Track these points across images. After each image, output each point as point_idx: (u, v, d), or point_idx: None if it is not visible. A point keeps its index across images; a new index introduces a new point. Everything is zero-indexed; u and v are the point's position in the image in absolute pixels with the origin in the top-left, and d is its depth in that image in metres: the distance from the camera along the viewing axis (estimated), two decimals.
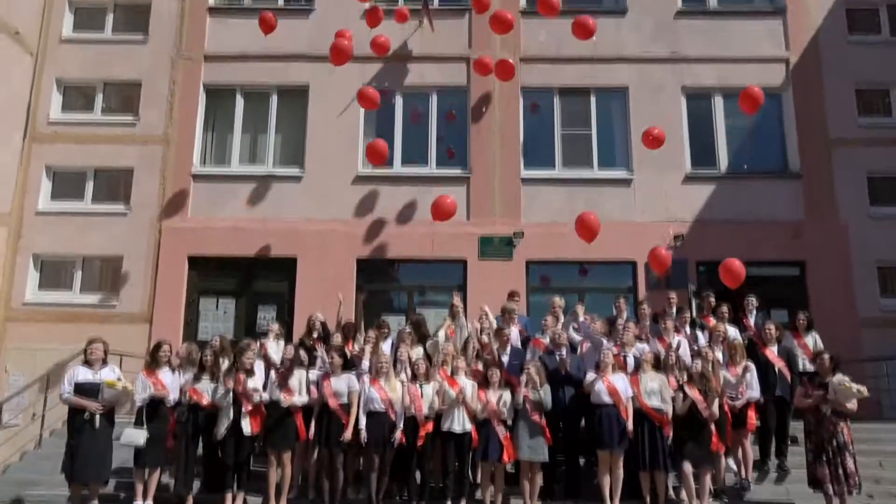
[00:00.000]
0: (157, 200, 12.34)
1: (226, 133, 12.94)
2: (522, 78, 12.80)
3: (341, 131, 12.61)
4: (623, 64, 12.86)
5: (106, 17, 13.25)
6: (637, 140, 12.43)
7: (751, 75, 12.73)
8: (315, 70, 12.84)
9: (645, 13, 13.08)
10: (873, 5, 13.17)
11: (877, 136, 12.52)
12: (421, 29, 12.92)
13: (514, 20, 12.07)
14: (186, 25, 13.02)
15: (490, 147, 12.49)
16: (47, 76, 12.82)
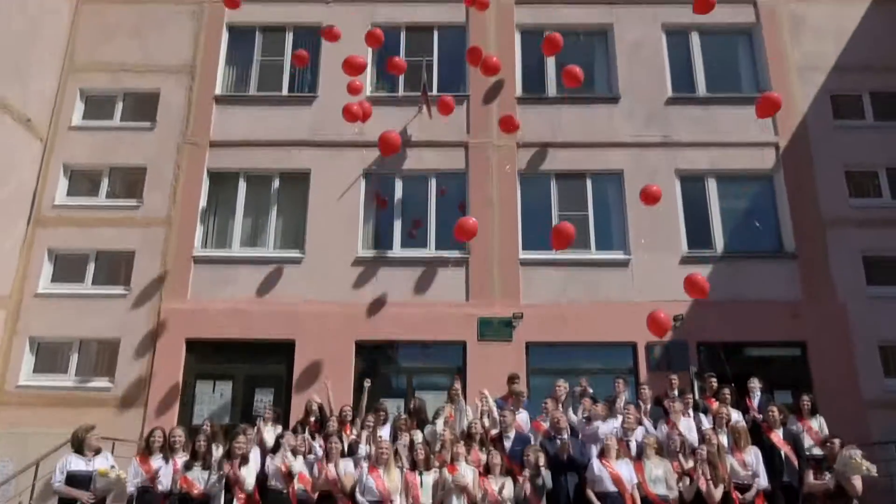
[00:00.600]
0: (157, 283, 12.38)
1: (228, 216, 13.13)
2: (520, 163, 13.12)
3: (341, 214, 12.81)
4: (617, 149, 13.19)
5: (115, 106, 13.66)
6: (634, 222, 12.66)
7: (742, 159, 13.12)
8: (316, 155, 13.17)
9: (637, 100, 13.53)
10: (856, 92, 13.64)
11: (869, 216, 12.72)
12: (420, 115, 13.33)
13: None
14: (193, 113, 13.44)
15: (488, 229, 12.65)
16: (55, 162, 13.12)
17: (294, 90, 13.85)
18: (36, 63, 12.86)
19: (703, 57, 14.05)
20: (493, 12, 13.99)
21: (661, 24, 14.10)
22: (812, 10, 14.13)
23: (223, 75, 13.98)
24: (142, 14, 14.14)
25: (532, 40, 14.10)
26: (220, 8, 14.12)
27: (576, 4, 14.28)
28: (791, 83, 13.57)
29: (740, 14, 14.23)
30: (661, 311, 10.24)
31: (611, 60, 13.97)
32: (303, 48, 13.30)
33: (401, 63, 12.52)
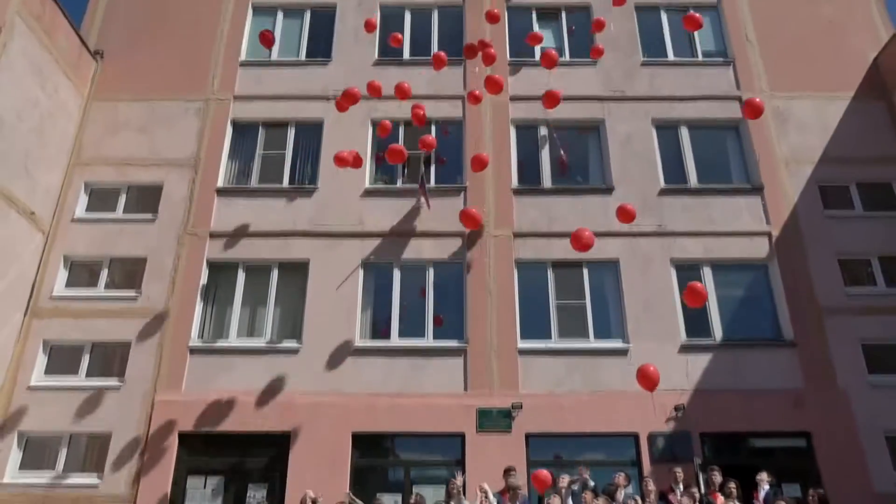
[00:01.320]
0: (151, 374, 12.23)
1: (225, 306, 13.12)
2: (517, 252, 13.28)
3: (339, 304, 12.82)
4: (613, 238, 13.36)
5: (119, 198, 13.92)
6: (632, 311, 12.68)
7: (736, 247, 13.29)
8: (315, 246, 13.33)
9: (631, 191, 13.83)
10: (844, 183, 13.99)
11: (865, 304, 12.77)
12: (418, 206, 13.58)
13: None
14: (195, 205, 13.68)
15: (486, 319, 12.65)
16: (55, 253, 13.23)
17: (295, 182, 14.17)
18: (44, 158, 13.19)
19: (693, 150, 14.49)
20: (488, 108, 14.54)
21: (652, 119, 14.62)
22: (795, 106, 14.71)
23: (225, 168, 14.32)
24: (150, 111, 14.65)
25: (527, 134, 14.60)
26: (226, 105, 14.71)
27: (569, 101, 14.77)
28: (780, 175, 13.95)
29: (727, 109, 14.79)
30: (651, 366, 9.76)
31: (604, 153, 14.38)
32: (304, 143, 13.74)
33: (401, 150, 12.65)
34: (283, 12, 16.19)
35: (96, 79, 14.98)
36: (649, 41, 15.80)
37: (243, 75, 15.21)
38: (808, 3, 16.10)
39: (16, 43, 12.44)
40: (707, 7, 16.25)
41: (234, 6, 16.02)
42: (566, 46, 15.73)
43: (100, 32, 15.63)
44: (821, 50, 15.42)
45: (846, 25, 15.77)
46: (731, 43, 15.60)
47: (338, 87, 14.81)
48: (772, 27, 15.76)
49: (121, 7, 16.02)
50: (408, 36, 15.75)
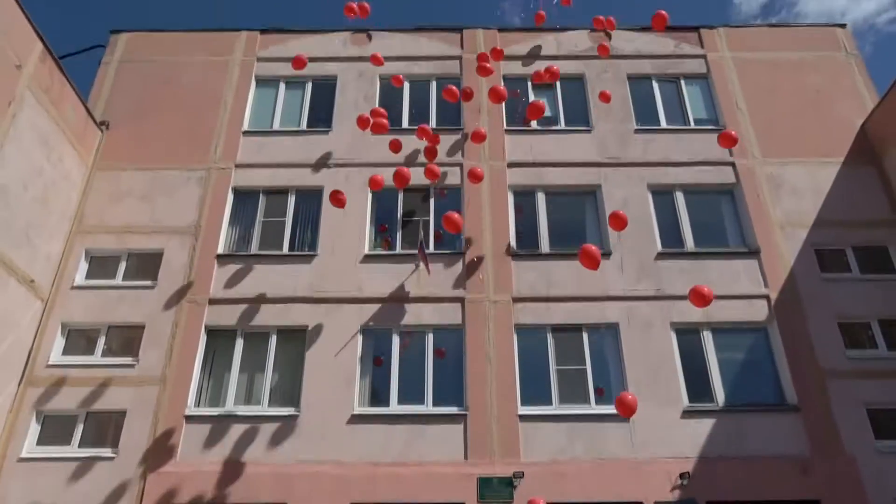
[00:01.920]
0: (146, 444, 12.01)
1: (223, 373, 13.00)
2: (516, 316, 13.27)
3: (338, 371, 12.71)
4: (611, 302, 13.40)
5: (119, 266, 13.97)
6: (633, 376, 12.57)
7: (735, 311, 13.29)
8: (314, 311, 13.31)
9: (628, 255, 13.93)
10: (839, 246, 14.10)
11: (867, 367, 12.68)
12: (418, 272, 13.64)
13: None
14: (195, 272, 13.73)
15: (486, 384, 12.53)
16: (53, 321, 13.18)
17: (294, 248, 14.26)
18: (46, 226, 13.31)
19: (688, 214, 14.66)
20: (486, 174, 14.78)
21: (647, 184, 14.86)
22: (788, 171, 14.99)
23: (226, 235, 14.44)
24: (152, 179, 14.88)
25: (524, 200, 14.81)
26: (227, 173, 14.96)
27: (565, 166, 15.12)
28: (775, 238, 14.09)
29: (721, 175, 15.06)
30: (629, 394, 9.81)
31: (601, 217, 14.55)
32: (304, 210, 13.93)
33: (406, 172, 12.80)
34: (285, 84, 16.66)
35: (101, 148, 15.28)
36: (642, 109, 16.22)
37: (245, 144, 15.52)
38: (794, 73, 16.62)
39: (24, 115, 12.74)
40: (697, 77, 16.76)
41: (239, 78, 16.50)
42: (561, 114, 16.13)
43: (106, 103, 16.04)
44: (810, 117, 15.83)
45: (833, 94, 16.23)
46: (722, 111, 16.02)
47: (338, 155, 15.14)
48: (761, 96, 16.22)
49: (128, 78, 16.49)
50: (406, 105, 16.15)
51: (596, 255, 10.57)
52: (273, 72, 16.76)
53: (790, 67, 16.72)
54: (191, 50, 17.02)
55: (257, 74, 16.70)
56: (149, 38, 17.30)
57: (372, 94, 16.30)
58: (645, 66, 16.87)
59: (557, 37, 17.31)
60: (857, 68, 16.72)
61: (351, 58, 16.95)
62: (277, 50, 17.09)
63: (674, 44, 17.23)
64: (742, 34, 17.44)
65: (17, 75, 12.59)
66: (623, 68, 16.77)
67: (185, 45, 17.14)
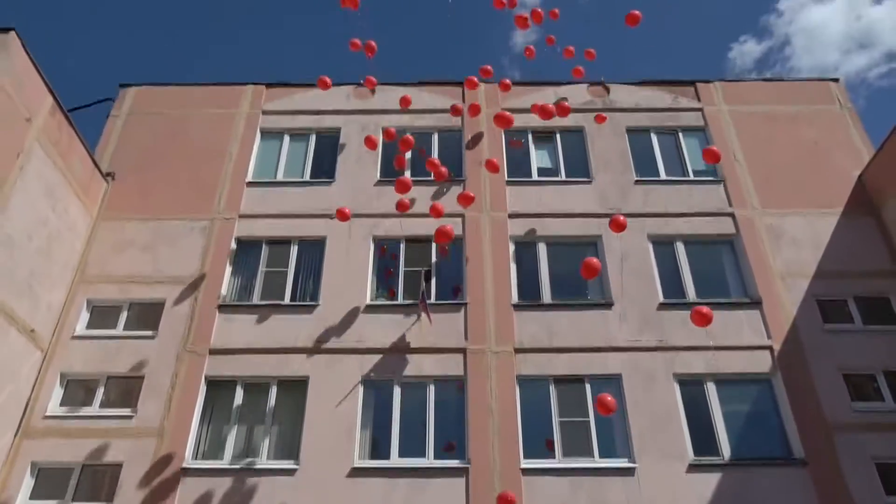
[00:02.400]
0: (142, 498, 11.77)
1: (222, 425, 12.84)
2: (518, 368, 13.18)
3: (338, 423, 12.56)
4: (614, 353, 13.32)
5: (120, 315, 13.95)
6: (637, 428, 12.40)
7: (739, 362, 13.20)
8: (315, 362, 13.24)
9: (630, 305, 13.92)
10: (841, 297, 14.09)
11: (875, 421, 12.51)
12: (419, 322, 13.61)
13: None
14: (196, 322, 13.70)
15: (488, 437, 12.36)
16: (52, 371, 13.10)
17: (296, 298, 14.26)
18: (49, 275, 13.35)
19: (689, 264, 14.69)
20: (487, 225, 14.92)
21: (647, 235, 14.95)
22: (787, 222, 15.09)
23: (228, 284, 14.47)
24: (156, 230, 14.99)
25: (525, 250, 14.87)
26: (231, 223, 15.08)
27: (565, 217, 15.24)
28: (776, 289, 14.09)
29: (720, 225, 15.16)
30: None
31: (602, 268, 14.55)
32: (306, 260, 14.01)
33: (407, 181, 13.26)
34: (289, 136, 16.95)
35: (106, 199, 15.44)
36: (641, 161, 16.43)
37: (249, 195, 15.69)
38: (790, 125, 16.89)
39: (32, 166, 12.92)
40: (694, 129, 17.04)
41: (244, 130, 16.79)
42: (561, 166, 16.34)
43: (113, 155, 16.28)
44: (807, 169, 16.02)
45: (829, 146, 16.46)
46: (720, 162, 16.20)
47: (340, 205, 15.27)
48: (758, 148, 16.45)
49: (135, 131, 16.78)
50: (409, 157, 16.36)
51: (596, 266, 11.31)
52: (278, 124, 17.07)
53: (786, 120, 17.00)
54: (198, 103, 17.36)
55: (262, 127, 16.99)
56: (157, 91, 17.68)
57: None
58: (643, 119, 17.17)
59: (557, 90, 17.66)
60: (852, 121, 17.00)
61: (354, 111, 17.28)
62: (282, 103, 17.44)
63: (671, 97, 17.57)
64: (738, 88, 17.80)
65: (27, 128, 12.82)
66: (622, 121, 17.06)
67: (192, 98, 17.49)
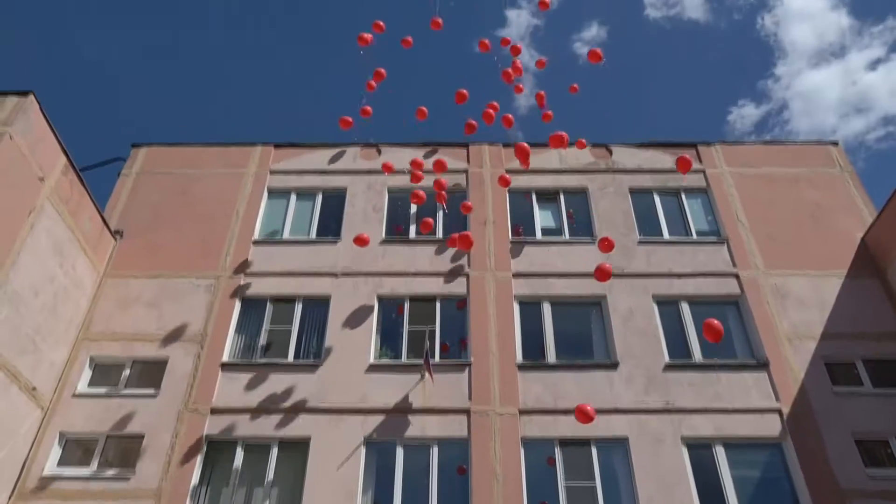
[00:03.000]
0: None
1: (221, 486, 12.59)
2: (523, 429, 12.98)
3: (340, 485, 12.29)
4: (620, 415, 13.12)
5: (122, 373, 13.87)
6: (644, 493, 12.13)
7: (747, 425, 12.98)
8: (317, 422, 13.07)
9: (636, 366, 13.79)
10: (850, 359, 13.93)
11: (889, 488, 12.18)
12: (423, 382, 13.49)
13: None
14: (198, 380, 13.60)
15: (493, 502, 12.07)
16: (52, 430, 12.94)
17: (300, 357, 14.18)
18: (53, 332, 13.35)
19: (695, 325, 14.59)
20: (492, 285, 14.95)
21: (652, 295, 14.93)
22: (792, 283, 15.07)
23: (232, 343, 14.42)
24: (162, 287, 15.05)
25: (530, 310, 14.84)
26: (236, 281, 15.13)
27: (569, 277, 15.26)
28: (784, 350, 13.96)
29: (725, 286, 15.15)
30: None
31: (607, 328, 14.51)
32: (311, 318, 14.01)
33: (421, 194, 13.80)
34: (296, 195, 17.18)
35: (113, 256, 15.56)
36: (645, 221, 16.57)
37: (255, 253, 15.80)
38: (791, 187, 17.06)
39: (42, 224, 13.09)
40: (697, 190, 17.23)
41: (252, 189, 17.03)
42: (565, 226, 16.47)
43: (122, 213, 16.49)
44: (810, 230, 16.10)
45: (831, 207, 16.58)
46: (724, 223, 16.32)
47: (345, 264, 15.37)
48: (761, 209, 16.57)
49: (145, 189, 17.04)
50: (413, 216, 16.55)
51: (608, 271, 11.85)
52: (285, 183, 17.32)
53: (787, 182, 17.19)
54: (207, 162, 17.68)
55: (270, 186, 17.25)
56: (167, 151, 18.02)
57: (380, 205, 16.75)
58: (646, 180, 17.38)
59: (560, 152, 17.94)
60: (853, 183, 17.16)
61: (360, 171, 17.55)
62: (290, 163, 17.74)
63: (673, 159, 17.79)
64: (738, 150, 18.07)
65: (40, 187, 13.05)
66: (625, 182, 17.28)
67: (201, 157, 17.82)
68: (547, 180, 17.34)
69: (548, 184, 17.30)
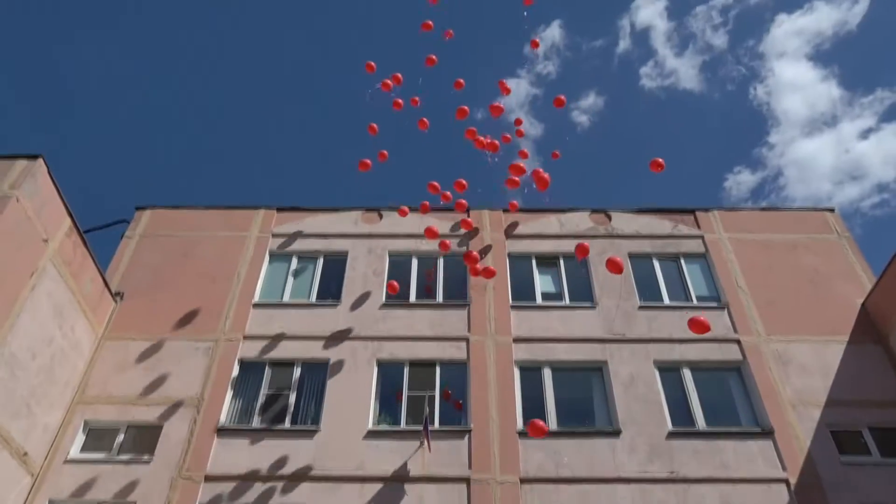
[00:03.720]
0: None
1: None
2: (524, 499, 12.66)
3: None
4: (623, 484, 12.82)
5: (116, 438, 13.61)
6: None
7: (754, 496, 12.67)
8: (313, 490, 12.74)
9: (638, 434, 13.56)
10: (856, 427, 13.70)
11: None
12: (422, 450, 13.23)
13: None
14: (193, 446, 13.34)
15: None
16: (41, 498, 12.60)
17: (297, 422, 13.95)
18: (48, 395, 13.17)
19: (697, 391, 14.44)
20: (492, 350, 14.86)
21: (654, 361, 14.81)
22: (794, 349, 14.97)
23: (229, 407, 14.21)
24: (160, 350, 14.94)
25: (530, 376, 14.70)
26: (235, 344, 15.06)
27: (570, 342, 15.18)
28: (788, 417, 13.75)
29: (726, 352, 15.05)
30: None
31: (608, 395, 14.33)
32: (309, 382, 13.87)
33: (435, 230, 14.48)
34: (297, 258, 17.27)
35: (113, 318, 15.52)
36: (644, 286, 16.59)
37: (255, 316, 15.76)
38: (790, 253, 17.15)
39: (44, 285, 13.11)
40: (695, 256, 17.32)
41: (254, 252, 17.13)
42: (565, 291, 16.47)
43: (124, 275, 16.53)
44: (810, 296, 16.10)
45: (830, 273, 16.63)
46: (723, 288, 16.34)
47: (345, 328, 15.31)
48: (760, 275, 16.62)
49: (147, 252, 17.13)
50: (414, 281, 16.59)
51: (619, 264, 12.22)
52: (287, 247, 17.44)
53: (785, 248, 17.29)
54: (210, 225, 17.84)
55: (271, 249, 17.35)
56: (171, 214, 18.21)
57: (381, 269, 16.81)
58: (645, 245, 17.51)
59: (560, 217, 18.15)
60: (851, 249, 17.26)
61: (362, 234, 17.70)
62: (292, 226, 17.91)
63: (671, 225, 18.00)
64: (736, 216, 18.26)
65: (43, 249, 13.13)
66: (624, 247, 17.39)
67: (204, 220, 17.99)
68: (547, 245, 17.46)
69: (547, 249, 17.42)
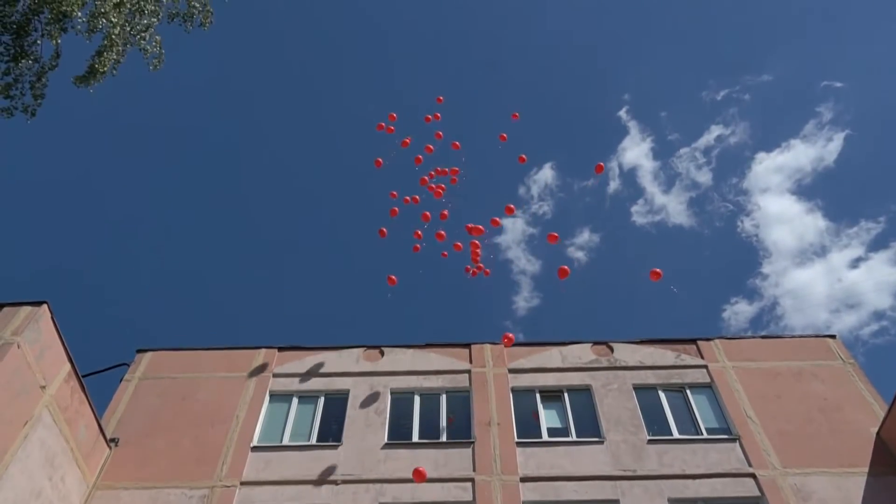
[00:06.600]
0: None
1: None
2: None
3: None
4: None
5: None
6: None
7: None
8: None
9: None
10: None
11: None
12: None
13: None
14: None
15: None
16: None
17: None
18: None
19: None
20: (498, 491, 14.32)
21: (668, 499, 14.19)
22: (813, 483, 14.36)
23: None
24: (152, 498, 14.27)
25: None
26: (232, 491, 14.51)
27: (579, 480, 14.62)
28: None
29: (743, 487, 14.44)
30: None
31: None
32: None
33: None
34: (298, 398, 16.97)
35: (106, 465, 14.99)
36: (652, 419, 16.20)
37: (253, 460, 15.25)
38: (796, 381, 16.91)
39: (37, 434, 12.78)
40: (701, 386, 17.06)
41: (254, 393, 16.85)
42: (571, 426, 16.08)
43: (120, 420, 16.13)
44: (822, 424, 15.68)
45: (839, 401, 16.30)
46: (732, 419, 15.96)
47: (346, 470, 14.83)
48: (768, 404, 16.28)
49: (145, 395, 16.82)
50: (417, 419, 16.24)
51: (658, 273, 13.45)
52: (287, 387, 17.19)
53: (791, 376, 17.07)
54: (210, 366, 17.67)
55: (272, 390, 17.09)
56: (171, 355, 18.07)
57: (383, 407, 16.49)
58: (649, 376, 17.29)
59: (562, 350, 18.05)
60: (857, 376, 17.03)
61: (363, 373, 17.50)
62: (293, 366, 17.73)
63: (674, 355, 17.87)
64: (738, 345, 18.17)
65: (40, 395, 12.93)
66: (628, 379, 17.16)
67: (204, 361, 17.84)
68: (550, 379, 17.25)
69: (551, 382, 17.19)
